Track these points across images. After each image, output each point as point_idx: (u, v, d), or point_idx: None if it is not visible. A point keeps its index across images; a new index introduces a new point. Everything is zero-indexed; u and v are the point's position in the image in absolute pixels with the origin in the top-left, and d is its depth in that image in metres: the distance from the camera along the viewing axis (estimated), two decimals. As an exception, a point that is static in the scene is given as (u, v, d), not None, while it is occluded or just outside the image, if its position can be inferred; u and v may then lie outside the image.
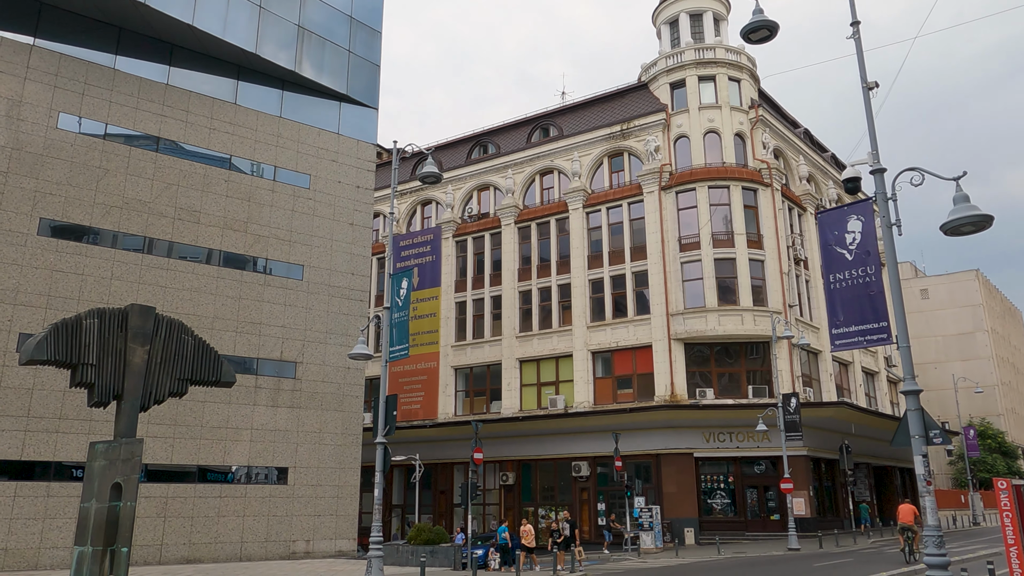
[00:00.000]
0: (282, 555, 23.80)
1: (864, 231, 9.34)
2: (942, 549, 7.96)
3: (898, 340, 8.69)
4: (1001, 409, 68.38)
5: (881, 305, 8.91)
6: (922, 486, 8.36)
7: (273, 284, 25.61)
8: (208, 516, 22.73)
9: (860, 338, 9.03)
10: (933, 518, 8.33)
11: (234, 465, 23.55)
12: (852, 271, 9.19)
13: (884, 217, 9.11)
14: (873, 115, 9.41)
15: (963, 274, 73.84)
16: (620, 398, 35.31)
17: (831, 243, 9.54)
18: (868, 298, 8.99)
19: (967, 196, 8.59)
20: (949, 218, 8.48)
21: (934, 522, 8.29)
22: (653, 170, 36.28)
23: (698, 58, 37.78)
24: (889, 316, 9.05)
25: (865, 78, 9.51)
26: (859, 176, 9.81)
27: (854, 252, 9.23)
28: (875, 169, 9.31)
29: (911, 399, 8.59)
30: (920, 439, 8.26)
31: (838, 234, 9.42)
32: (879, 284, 9.11)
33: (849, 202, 9.67)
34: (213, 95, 25.68)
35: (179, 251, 23.96)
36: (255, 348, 24.75)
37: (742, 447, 32.73)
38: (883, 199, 9.09)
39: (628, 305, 35.95)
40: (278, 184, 26.38)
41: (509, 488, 37.21)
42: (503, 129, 44.54)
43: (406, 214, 45.46)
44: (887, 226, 9.10)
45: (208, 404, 23.40)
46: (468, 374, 40.89)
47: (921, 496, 8.51)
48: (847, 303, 9.13)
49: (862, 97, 9.37)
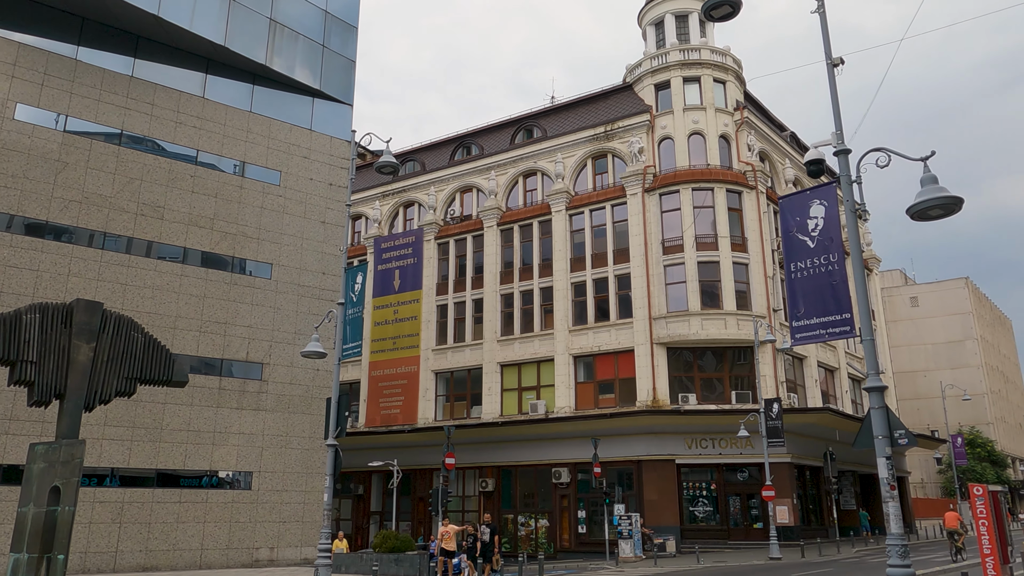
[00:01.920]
0: (244, 563, 22.97)
1: (827, 217, 8.70)
2: (906, 560, 7.29)
3: (861, 333, 8.03)
4: (990, 418, 67.95)
5: (844, 296, 8.26)
6: (885, 491, 7.69)
7: (240, 283, 24.86)
8: (167, 522, 21.91)
9: (822, 331, 8.38)
10: (896, 526, 7.65)
11: (195, 469, 22.74)
12: (814, 259, 8.54)
13: (848, 201, 8.47)
14: (838, 93, 8.79)
15: (953, 282, 73.55)
16: (602, 403, 34.62)
17: (792, 230, 8.90)
18: (830, 288, 8.33)
19: (935, 178, 7.96)
20: (916, 200, 7.85)
21: (897, 530, 7.61)
22: (637, 172, 35.70)
23: (683, 59, 37.28)
24: (853, 308, 8.39)
25: (830, 54, 8.90)
26: (822, 158, 9.18)
27: (816, 239, 8.59)
28: (839, 150, 8.68)
29: (875, 396, 7.92)
30: (884, 440, 7.60)
31: (800, 220, 8.78)
32: (842, 273, 8.46)
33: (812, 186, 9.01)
34: (180, 88, 24.98)
35: (141, 248, 23.20)
36: (220, 348, 23.97)
37: (725, 454, 32.05)
38: (847, 182, 8.45)
39: (611, 309, 35.30)
40: (247, 180, 25.66)
41: (488, 495, 36.43)
42: (487, 130, 43.94)
43: (388, 216, 44.79)
44: (851, 211, 8.46)
45: (169, 406, 22.60)
46: (449, 378, 40.16)
47: (884, 502, 7.84)
48: (808, 294, 8.48)
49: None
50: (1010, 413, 76.00)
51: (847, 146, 8.64)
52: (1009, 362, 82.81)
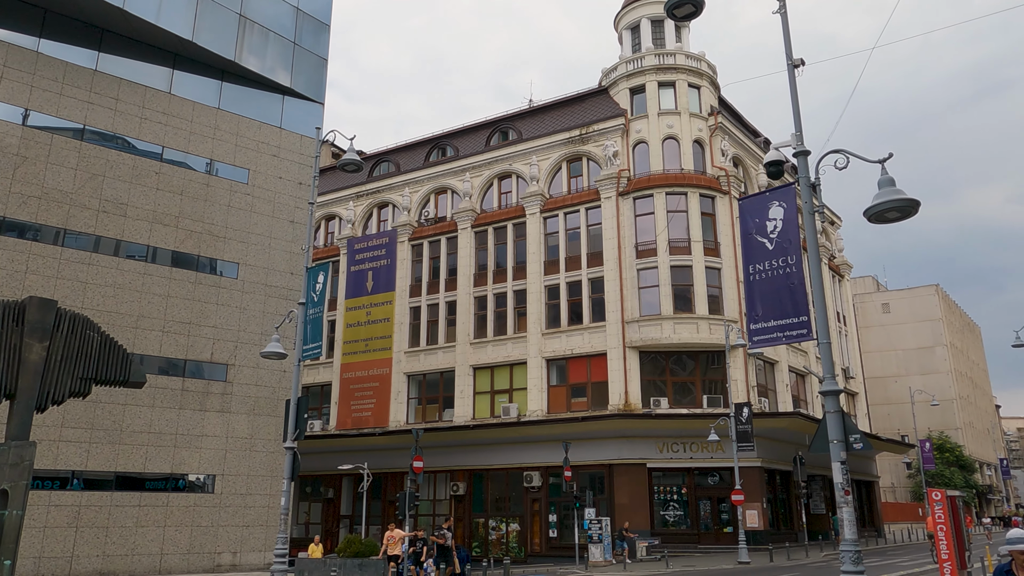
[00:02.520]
0: (206, 568, 22.50)
1: (786, 218, 8.61)
2: (859, 566, 7.19)
3: (818, 336, 7.95)
4: (959, 423, 68.89)
5: (801, 298, 8.17)
6: (839, 496, 7.60)
7: (205, 282, 24.40)
8: (125, 526, 21.39)
9: (779, 334, 8.28)
10: (850, 532, 7.56)
11: (156, 472, 22.24)
12: (772, 261, 8.45)
13: (807, 203, 8.39)
14: (798, 94, 8.72)
15: (923, 289, 74.51)
16: (574, 407, 34.51)
17: (751, 231, 8.81)
18: (788, 290, 8.24)
19: (893, 180, 7.89)
20: (873, 203, 7.78)
21: (851, 536, 7.52)
22: (611, 175, 35.69)
23: (658, 63, 37.36)
24: (810, 310, 8.30)
25: (790, 55, 8.82)
26: (783, 160, 9.10)
27: (775, 241, 8.50)
28: (798, 151, 8.61)
29: (830, 400, 7.83)
30: (839, 444, 7.51)
31: (759, 222, 8.70)
32: (800, 275, 8.38)
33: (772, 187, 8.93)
34: (146, 83, 24.49)
35: (102, 245, 22.68)
36: (184, 349, 23.50)
37: (696, 457, 32.07)
38: (806, 183, 8.38)
39: (584, 312, 35.22)
40: (213, 178, 25.22)
41: (460, 499, 36.16)
42: (462, 132, 43.74)
43: (362, 216, 44.39)
44: (809, 212, 8.38)
45: (129, 407, 22.10)
46: (421, 381, 39.83)
47: (839, 507, 7.75)
48: (766, 296, 8.38)
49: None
50: (978, 418, 77.12)
51: (806, 147, 8.57)
52: (978, 368, 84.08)
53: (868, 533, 42.81)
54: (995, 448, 77.89)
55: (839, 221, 49.68)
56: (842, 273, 48.26)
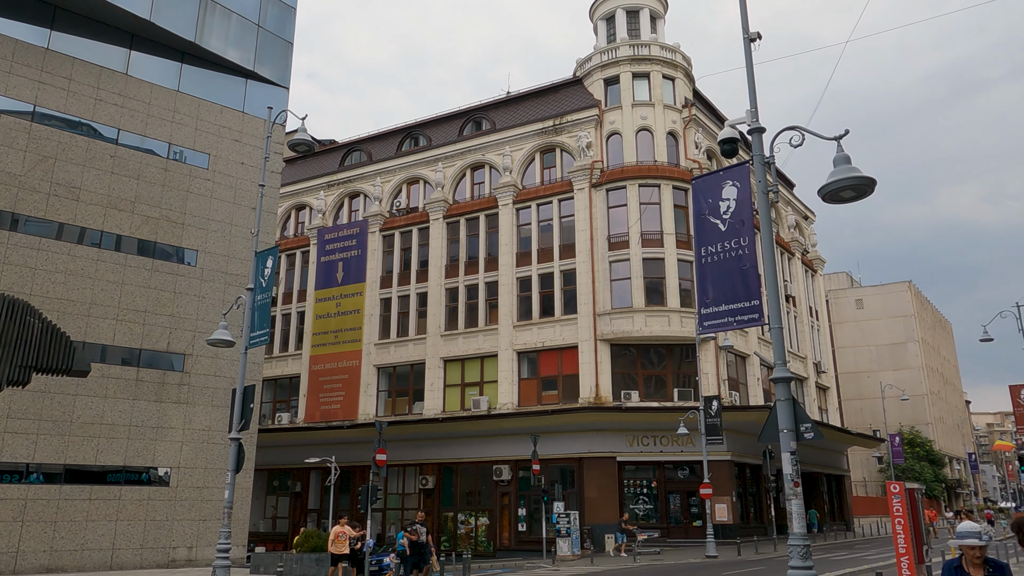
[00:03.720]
0: (160, 563, 21.86)
1: (739, 199, 8.24)
2: (807, 561, 6.86)
3: (769, 320, 7.59)
4: (930, 418, 69.56)
5: (754, 281, 7.81)
6: (789, 488, 7.26)
7: (162, 270, 23.67)
8: (75, 521, 20.68)
9: (730, 319, 7.92)
10: (799, 526, 7.21)
11: (108, 465, 21.54)
12: (725, 243, 8.08)
13: (760, 182, 8.03)
14: (754, 70, 8.34)
15: (896, 285, 75.09)
16: (545, 400, 34.15)
17: (704, 212, 8.43)
18: (740, 273, 7.88)
19: (848, 158, 7.55)
20: (828, 180, 7.43)
21: (800, 530, 7.18)
22: (584, 167, 35.31)
23: (633, 54, 37.01)
24: (762, 294, 7.94)
25: (747, 28, 8.45)
26: (736, 137, 8.74)
27: (728, 222, 8.12)
28: (753, 128, 8.24)
29: (781, 387, 7.48)
30: (789, 434, 7.16)
31: (712, 202, 8.32)
32: (752, 257, 8.02)
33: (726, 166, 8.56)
34: (101, 64, 23.66)
35: (53, 231, 21.88)
36: (138, 338, 22.78)
37: (666, 451, 31.86)
38: (760, 161, 8.02)
39: (556, 304, 34.84)
40: (172, 163, 24.46)
41: (429, 492, 35.72)
42: (435, 121, 43.14)
43: (333, 206, 43.67)
44: (763, 191, 8.01)
45: (80, 398, 21.36)
46: (391, 373, 39.28)
47: (788, 499, 7.41)
48: (718, 279, 8.01)
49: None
50: (948, 414, 77.98)
51: (761, 125, 8.20)
52: (949, 364, 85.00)
53: (838, 527, 42.98)
54: (964, 443, 78.82)
55: (812, 216, 49.75)
56: (815, 268, 48.34)
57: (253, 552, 21.45)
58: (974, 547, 4.85)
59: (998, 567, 4.86)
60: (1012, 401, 25.76)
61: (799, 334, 43.34)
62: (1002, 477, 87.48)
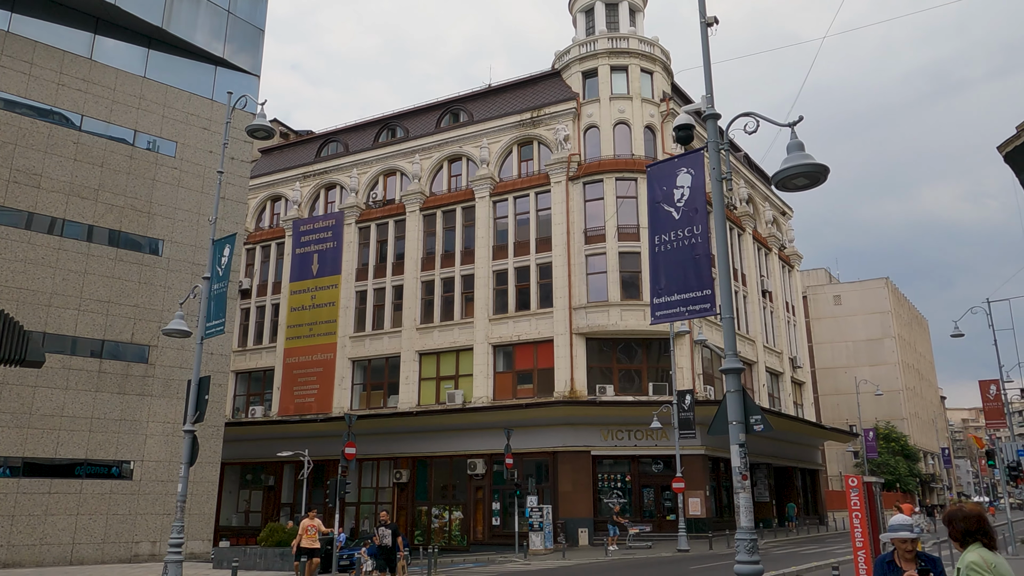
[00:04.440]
0: (122, 558, 21.45)
1: (693, 186, 8.07)
2: (754, 555, 6.71)
3: (721, 310, 7.42)
4: (905, 413, 70.22)
5: (706, 270, 7.64)
6: (737, 481, 7.11)
7: (126, 259, 23.20)
8: (33, 515, 20.24)
9: (682, 308, 7.74)
10: (747, 519, 7.07)
11: (68, 458, 21.09)
12: (678, 231, 7.91)
13: (715, 169, 7.85)
14: (710, 54, 8.16)
15: (874, 282, 75.64)
16: (520, 393, 33.98)
17: (658, 200, 8.24)
18: (693, 262, 7.71)
19: (801, 144, 7.38)
20: (781, 167, 7.27)
21: (747, 524, 7.03)
22: (561, 160, 35.11)
23: (611, 47, 36.83)
24: (715, 283, 7.78)
25: (704, 13, 8.26)
26: (691, 124, 8.56)
27: (681, 210, 7.95)
28: (708, 114, 8.07)
29: (731, 379, 7.32)
30: (738, 426, 7.01)
31: (666, 190, 8.14)
32: (705, 246, 7.85)
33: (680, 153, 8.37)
34: (64, 48, 23.09)
35: (12, 218, 21.34)
36: (101, 329, 22.31)
37: (640, 445, 31.82)
38: (715, 148, 7.84)
39: (532, 298, 34.65)
40: (138, 150, 23.95)
41: (403, 486, 35.47)
42: (413, 113, 42.74)
43: (309, 198, 43.16)
44: (717, 179, 7.84)
45: (40, 389, 20.88)
46: (366, 367, 38.93)
47: (736, 493, 7.26)
48: (671, 268, 7.84)
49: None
50: (923, 409, 78.79)
51: (716, 111, 8.02)
52: (924, 360, 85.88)
53: (811, 520, 43.22)
54: (938, 438, 79.71)
55: (790, 212, 49.89)
56: (792, 263, 48.50)
57: (216, 547, 21.09)
58: (906, 540, 4.70)
59: (930, 561, 4.72)
60: (981, 396, 25.94)
61: (775, 329, 43.47)
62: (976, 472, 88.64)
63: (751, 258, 41.55)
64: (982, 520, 4.33)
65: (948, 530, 4.36)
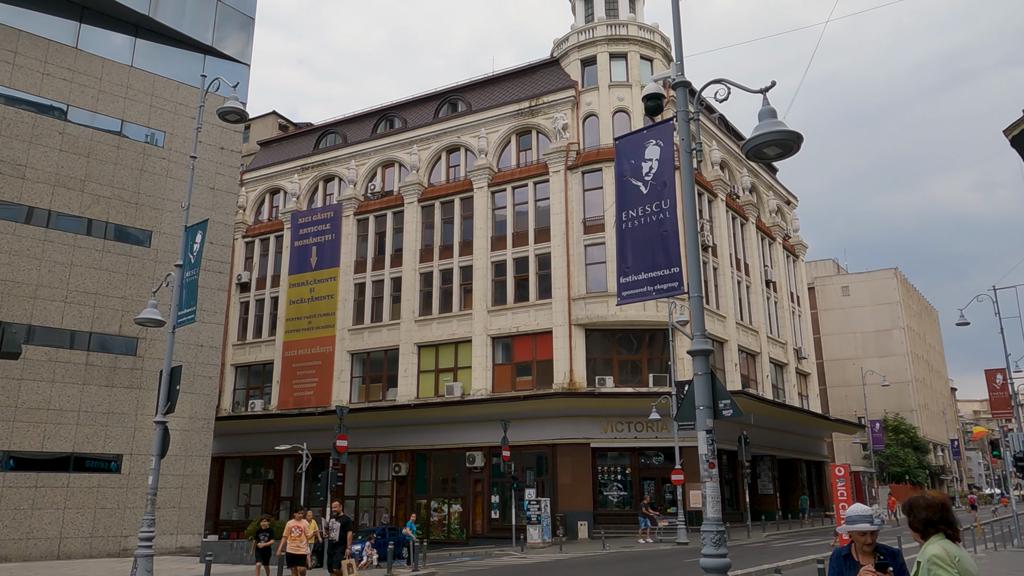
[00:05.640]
0: (111, 552, 21.24)
1: (662, 158, 7.62)
2: (720, 548, 6.29)
3: (689, 289, 6.99)
4: (914, 405, 69.37)
5: (674, 247, 7.21)
6: (704, 469, 6.69)
7: (114, 251, 22.92)
8: (20, 509, 20.04)
9: (649, 288, 7.31)
10: (714, 510, 6.64)
11: (55, 451, 20.86)
12: (646, 207, 7.47)
13: (684, 140, 7.41)
14: (681, 22, 7.71)
15: (882, 272, 74.69)
16: (519, 385, 33.59)
17: (626, 174, 7.80)
18: (660, 238, 7.27)
19: (774, 111, 6.93)
20: (752, 135, 6.82)
21: (714, 515, 6.61)
22: (560, 149, 34.60)
23: (610, 34, 36.26)
24: (683, 261, 7.34)
25: (674, -24, 7.80)
26: (662, 93, 8.12)
27: (649, 184, 7.50)
28: (678, 82, 7.62)
29: (699, 361, 6.89)
30: (706, 411, 6.59)
31: (634, 163, 7.70)
32: (673, 221, 7.41)
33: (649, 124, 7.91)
34: (49, 37, 22.80)
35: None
36: (88, 321, 22.05)
37: (640, 437, 31.39)
38: (684, 118, 7.40)
39: (530, 289, 34.22)
40: (125, 140, 23.65)
41: (402, 480, 35.20)
42: (411, 103, 42.32)
43: (307, 190, 42.86)
44: (687, 150, 7.39)
45: (25, 382, 20.66)
46: (365, 359, 38.64)
47: (702, 482, 6.85)
48: (638, 245, 7.40)
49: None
50: (933, 400, 77.89)
51: (686, 78, 7.58)
52: (934, 351, 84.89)
53: (816, 513, 42.66)
54: (948, 430, 78.80)
55: (795, 201, 49.20)
56: (797, 253, 47.84)
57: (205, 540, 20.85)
58: (864, 533, 4.28)
59: (890, 553, 4.30)
60: (988, 386, 25.32)
61: (779, 320, 42.87)
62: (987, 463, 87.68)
63: (754, 247, 40.95)
64: (945, 509, 3.90)
65: (908, 519, 3.93)
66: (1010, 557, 18.31)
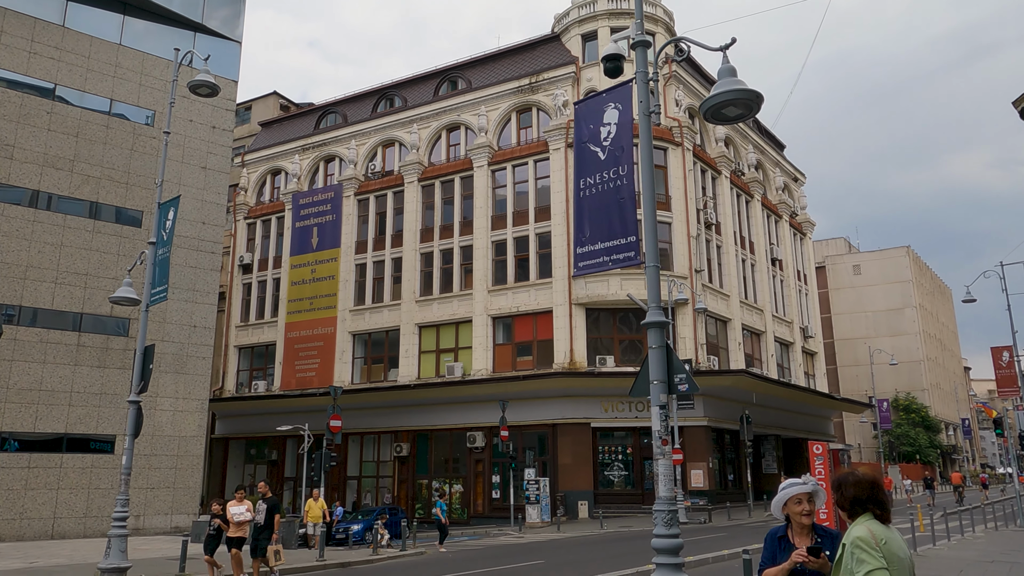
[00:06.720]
0: (105, 532, 21.24)
1: (620, 122, 7.26)
2: (672, 528, 5.99)
3: (645, 258, 6.64)
4: (926, 384, 68.68)
5: (631, 215, 6.85)
6: (657, 446, 6.38)
7: (105, 231, 22.79)
8: (13, 489, 20.10)
9: (605, 258, 6.98)
10: (665, 489, 6.34)
11: (47, 432, 20.88)
12: (604, 173, 7.12)
13: (643, 103, 7.04)
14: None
15: (895, 251, 73.73)
16: (519, 365, 33.35)
17: (584, 140, 7.44)
18: (617, 206, 6.92)
19: (734, 70, 6.54)
20: (711, 93, 6.44)
21: (666, 494, 6.30)
22: (560, 126, 34.08)
23: (612, 8, 35.56)
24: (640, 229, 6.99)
25: (635, -71, 7.39)
26: (621, 53, 7.74)
27: (607, 149, 7.15)
28: (637, 41, 7.24)
29: (654, 333, 6.56)
30: (660, 385, 6.27)
31: (593, 128, 7.33)
32: (631, 188, 7.05)
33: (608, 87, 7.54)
34: (35, 15, 22.55)
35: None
36: (79, 302, 21.98)
37: (641, 417, 31.08)
38: (643, 79, 7.02)
39: (531, 268, 33.88)
40: (114, 119, 23.44)
41: (404, 460, 35.18)
42: (410, 82, 41.80)
43: (308, 170, 42.58)
44: (645, 113, 7.02)
45: (16, 363, 20.64)
46: (366, 340, 38.52)
47: (655, 459, 6.54)
48: (595, 213, 7.06)
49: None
50: (945, 379, 77.06)
51: (646, 37, 7.18)
52: (947, 330, 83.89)
53: (823, 493, 42.36)
54: (960, 409, 78.01)
55: (803, 178, 48.40)
56: (804, 231, 47.14)
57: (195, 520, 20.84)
58: (801, 501, 3.93)
59: (827, 535, 3.97)
60: (994, 363, 24.80)
61: (786, 298, 42.31)
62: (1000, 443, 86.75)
63: (760, 225, 40.33)
64: (876, 487, 3.57)
65: (835, 497, 3.60)
66: (1010, 537, 17.94)
